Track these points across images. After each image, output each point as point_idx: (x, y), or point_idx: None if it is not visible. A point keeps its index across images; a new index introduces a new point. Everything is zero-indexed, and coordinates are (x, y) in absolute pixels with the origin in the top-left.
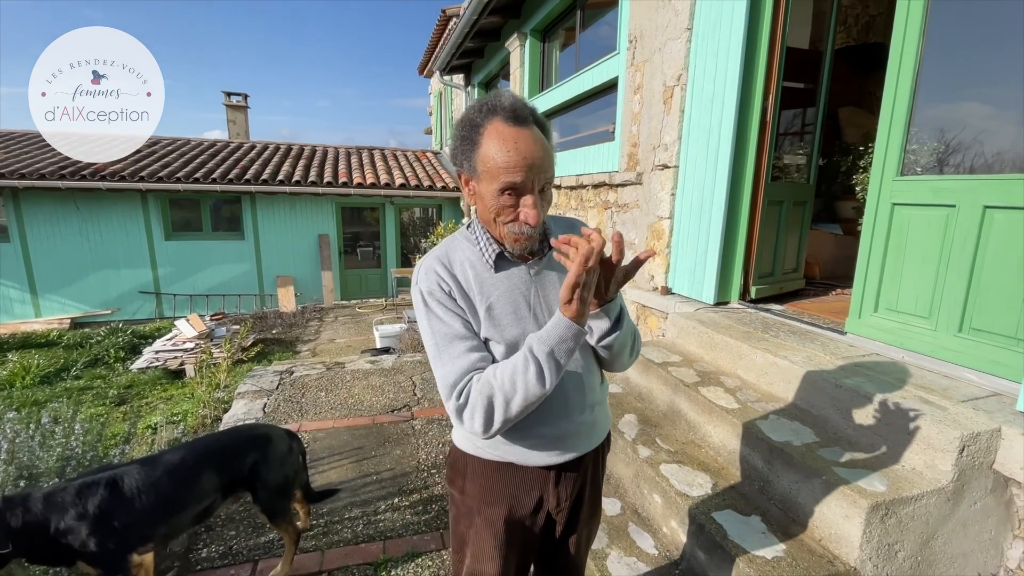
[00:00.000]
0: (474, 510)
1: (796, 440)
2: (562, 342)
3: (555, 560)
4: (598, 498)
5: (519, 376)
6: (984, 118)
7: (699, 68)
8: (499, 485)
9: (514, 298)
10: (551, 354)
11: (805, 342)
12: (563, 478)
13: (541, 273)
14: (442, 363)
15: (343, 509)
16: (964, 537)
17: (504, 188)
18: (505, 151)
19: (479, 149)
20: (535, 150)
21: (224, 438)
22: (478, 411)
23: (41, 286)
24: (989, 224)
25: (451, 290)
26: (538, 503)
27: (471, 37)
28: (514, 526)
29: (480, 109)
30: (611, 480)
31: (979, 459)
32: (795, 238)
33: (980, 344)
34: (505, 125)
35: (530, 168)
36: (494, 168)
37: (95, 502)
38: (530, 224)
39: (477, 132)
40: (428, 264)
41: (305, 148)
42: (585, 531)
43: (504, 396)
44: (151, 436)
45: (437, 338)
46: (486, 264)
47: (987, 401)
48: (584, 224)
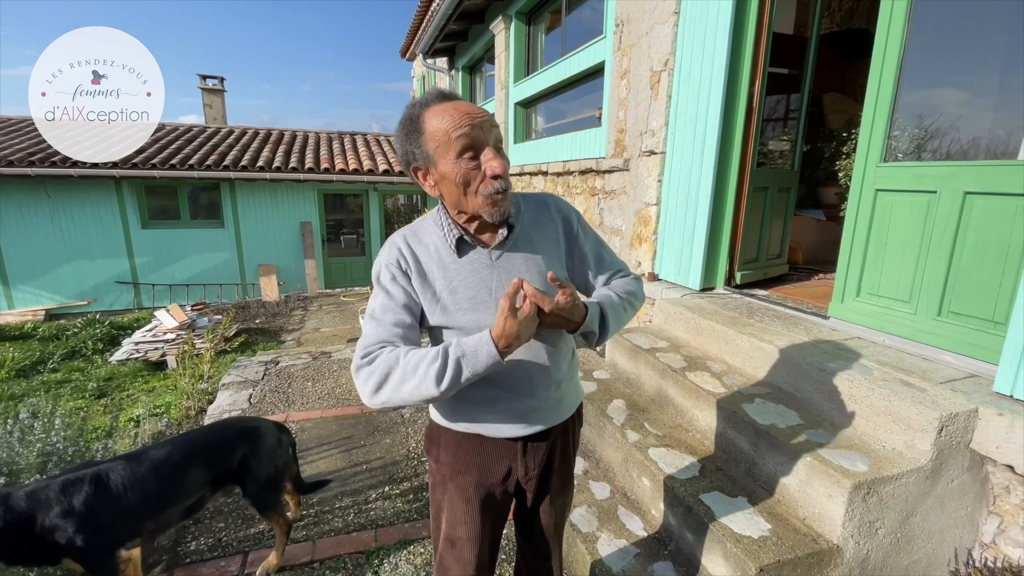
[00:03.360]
0: (447, 477)
1: (781, 423)
2: (474, 355)
3: (531, 527)
4: (569, 469)
5: (423, 366)
6: (962, 104)
7: (686, 53)
8: (469, 454)
9: (474, 284)
10: (458, 361)
11: (789, 327)
12: (530, 448)
13: (503, 257)
14: (367, 328)
15: (334, 499)
16: (941, 513)
17: (461, 150)
18: (448, 116)
19: (424, 134)
20: (474, 109)
21: (212, 432)
22: (374, 377)
23: (13, 277)
24: (969, 210)
25: (408, 268)
26: (507, 472)
27: (454, 19)
28: (485, 492)
29: (412, 107)
30: (600, 464)
31: (957, 438)
32: (779, 224)
33: (958, 327)
34: (438, 104)
35: (478, 124)
36: (443, 136)
37: (80, 498)
38: (498, 174)
39: (418, 122)
40: (395, 240)
41: (285, 133)
42: (559, 500)
43: (400, 377)
44: (134, 429)
45: (375, 307)
46: (449, 249)
47: (964, 383)
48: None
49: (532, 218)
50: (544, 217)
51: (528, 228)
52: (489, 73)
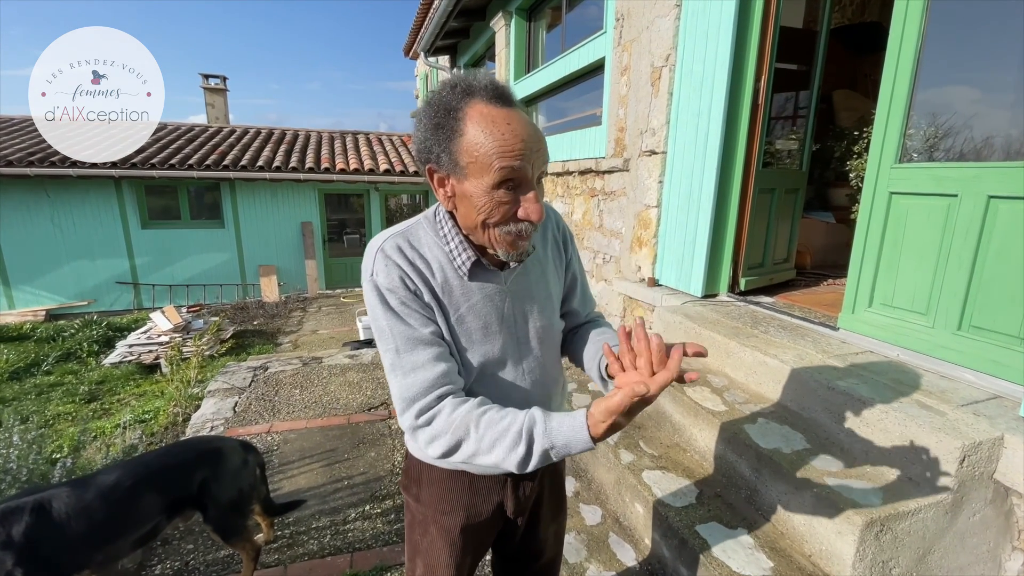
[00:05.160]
0: (429, 519)
1: (786, 447)
2: (566, 448)
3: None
4: (560, 495)
5: (501, 447)
6: (978, 102)
7: (688, 48)
8: (455, 493)
9: (485, 312)
10: (546, 452)
11: (796, 338)
12: (521, 484)
13: (517, 280)
14: (402, 371)
15: (311, 518)
16: (961, 550)
17: (501, 181)
18: (499, 133)
19: (461, 138)
20: (532, 131)
21: (168, 454)
22: (440, 443)
23: (14, 277)
24: (993, 215)
25: (418, 289)
26: (497, 508)
27: (455, 16)
28: (470, 534)
29: (454, 90)
30: (592, 486)
31: (980, 469)
32: (786, 227)
33: (980, 343)
34: (490, 106)
35: (529, 152)
36: (485, 157)
37: (20, 529)
38: (533, 221)
39: (455, 118)
40: (388, 253)
41: (287, 133)
42: (552, 528)
43: (475, 450)
44: (120, 435)
45: (397, 341)
46: (456, 271)
47: (988, 405)
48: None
49: (540, 234)
50: (548, 233)
51: (538, 246)
52: (491, 71)
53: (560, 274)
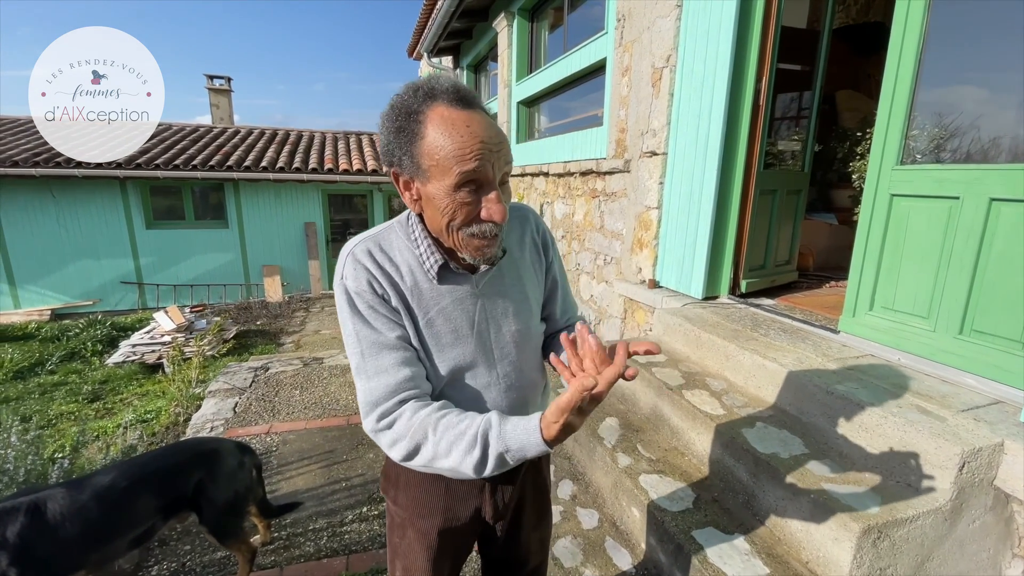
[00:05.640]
0: (406, 522)
1: (784, 452)
2: (521, 451)
3: (509, 567)
4: (545, 500)
5: (457, 451)
6: (982, 103)
7: (689, 48)
8: (432, 497)
9: (455, 316)
10: (501, 456)
11: (796, 341)
12: (499, 489)
13: (489, 283)
14: (366, 375)
15: (308, 520)
16: (961, 557)
17: (461, 182)
18: (458, 135)
19: (422, 141)
20: (492, 133)
21: (164, 456)
22: (400, 447)
23: (19, 277)
24: (995, 218)
25: (386, 293)
26: (474, 513)
27: (458, 16)
28: (448, 538)
29: (416, 93)
30: (590, 489)
31: (980, 475)
32: (788, 229)
33: (982, 347)
34: (451, 108)
35: (489, 153)
36: (445, 159)
37: (15, 529)
38: (496, 221)
39: (416, 121)
40: (358, 257)
41: (291, 133)
42: (535, 535)
43: (433, 453)
44: (120, 436)
45: (363, 345)
46: (426, 274)
47: (989, 410)
48: (533, 211)
49: (517, 236)
50: (526, 235)
51: (513, 247)
52: (494, 72)
53: (540, 277)
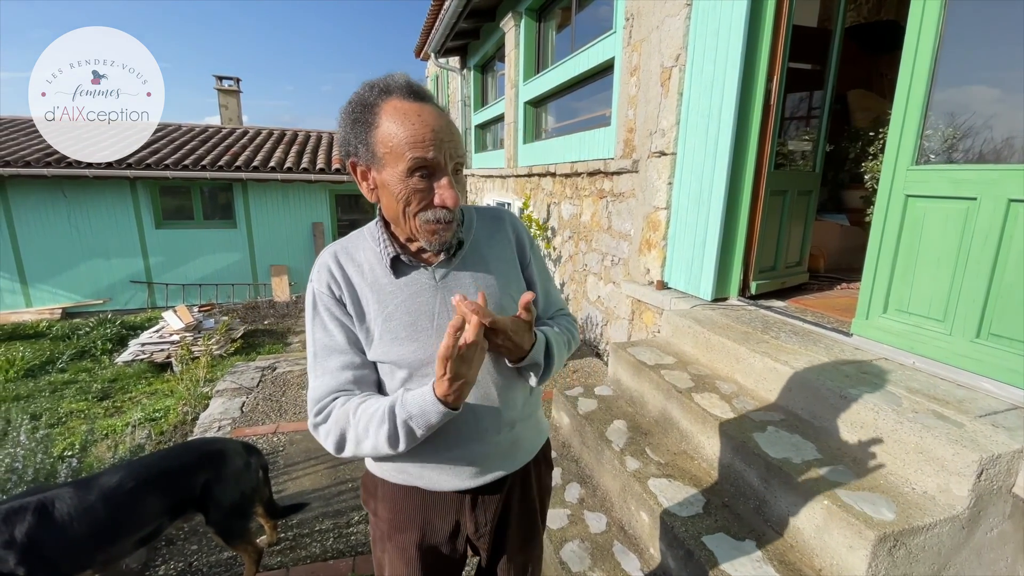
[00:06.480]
0: (386, 535)
1: (796, 457)
2: (423, 416)
3: None
4: (534, 522)
5: (372, 428)
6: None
7: (699, 47)
8: (409, 510)
9: (413, 309)
10: (407, 424)
11: (808, 344)
12: (481, 502)
13: (449, 276)
14: (314, 374)
15: (314, 520)
16: (978, 566)
17: (413, 168)
18: (410, 124)
19: (376, 130)
20: (442, 123)
21: (170, 456)
22: (331, 436)
23: (31, 276)
24: (1014, 220)
25: (342, 295)
26: (454, 528)
27: (465, 16)
28: (429, 553)
29: (372, 89)
30: (598, 493)
31: (998, 483)
32: (799, 230)
33: (1000, 352)
34: (404, 101)
35: (440, 142)
36: (398, 146)
37: (23, 529)
38: (448, 207)
39: (372, 113)
40: (324, 260)
41: (298, 133)
42: (520, 558)
43: (356, 437)
44: (129, 434)
45: (316, 347)
46: (385, 268)
47: (1007, 416)
48: (510, 213)
49: (486, 234)
50: (499, 234)
51: (480, 244)
52: (501, 72)
53: (516, 275)
